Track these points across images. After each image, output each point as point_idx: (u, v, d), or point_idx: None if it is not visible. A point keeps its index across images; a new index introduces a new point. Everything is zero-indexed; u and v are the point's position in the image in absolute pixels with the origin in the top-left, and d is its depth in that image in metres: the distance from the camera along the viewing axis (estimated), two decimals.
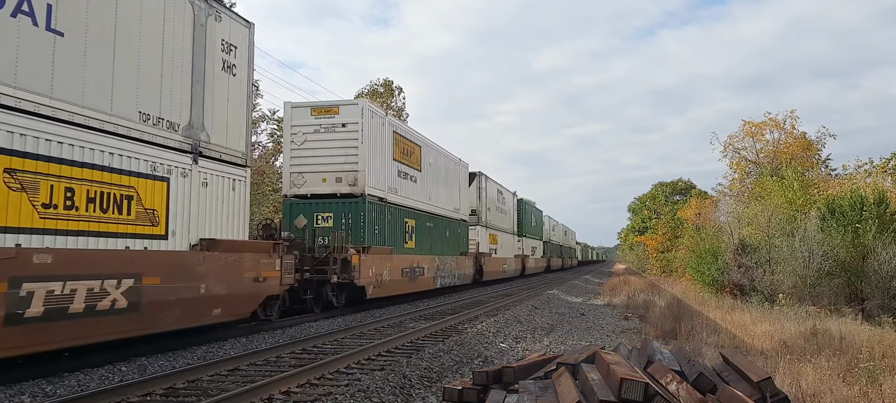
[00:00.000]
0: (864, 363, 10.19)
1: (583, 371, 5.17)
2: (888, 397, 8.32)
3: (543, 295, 26.11)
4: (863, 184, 29.90)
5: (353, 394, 7.43)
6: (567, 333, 15.31)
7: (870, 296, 21.75)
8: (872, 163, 34.32)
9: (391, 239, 19.33)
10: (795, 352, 11.76)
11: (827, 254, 22.16)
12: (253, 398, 7.13)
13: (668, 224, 54.51)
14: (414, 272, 21.01)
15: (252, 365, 9.30)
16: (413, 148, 22.07)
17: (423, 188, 22.64)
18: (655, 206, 70.74)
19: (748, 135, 41.09)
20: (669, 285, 37.29)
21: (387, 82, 49.41)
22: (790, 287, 22.32)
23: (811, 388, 8.38)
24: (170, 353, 10.26)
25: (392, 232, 19.52)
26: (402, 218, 20.49)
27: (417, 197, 21.97)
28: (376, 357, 10.23)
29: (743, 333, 14.66)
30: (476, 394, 5.93)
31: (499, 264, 35.45)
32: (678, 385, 4.83)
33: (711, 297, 25.11)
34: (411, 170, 21.64)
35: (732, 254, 26.65)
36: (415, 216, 21.67)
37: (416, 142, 22.63)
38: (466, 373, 9.04)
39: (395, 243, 19.58)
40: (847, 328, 15.15)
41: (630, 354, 6.26)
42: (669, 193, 70.71)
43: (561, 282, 39.43)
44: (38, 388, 7.59)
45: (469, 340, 12.40)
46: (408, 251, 20.77)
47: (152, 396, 7.35)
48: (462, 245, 28.04)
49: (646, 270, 66.01)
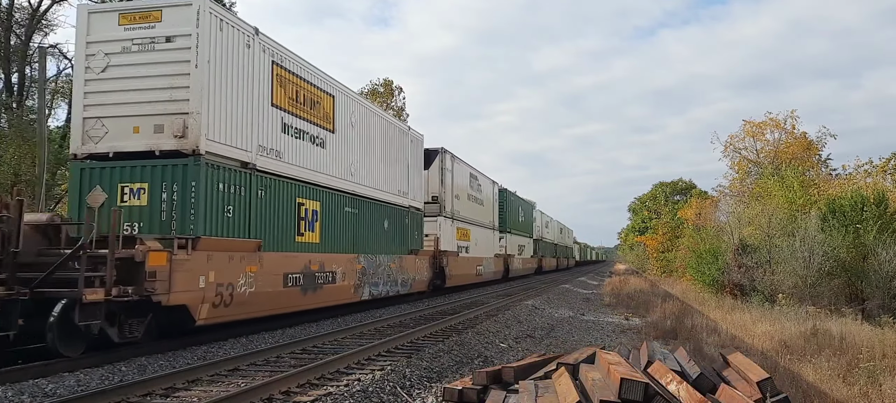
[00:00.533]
0: (864, 363, 10.19)
1: (583, 371, 5.17)
2: (888, 397, 8.32)
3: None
4: (863, 184, 29.91)
5: (353, 394, 7.43)
6: (567, 333, 15.31)
7: (870, 296, 21.75)
8: (872, 163, 34.34)
9: (266, 229, 12.93)
10: (795, 352, 11.77)
11: (827, 254, 22.16)
12: (253, 398, 7.13)
13: (669, 224, 54.49)
14: (314, 279, 14.70)
15: (252, 365, 9.30)
16: (317, 96, 15.34)
17: (337, 157, 16.30)
18: (656, 206, 70.80)
19: (748, 135, 41.12)
20: (670, 285, 37.29)
21: (387, 82, 49.45)
22: (790, 287, 22.30)
23: (811, 388, 8.38)
24: (170, 353, 10.26)
25: (269, 219, 13.10)
26: (294, 199, 14.14)
27: (326, 168, 15.68)
28: (376, 357, 10.23)
29: (743, 333, 14.66)
30: (476, 394, 5.93)
31: (469, 266, 29.12)
32: (678, 385, 4.83)
33: (711, 297, 25.11)
34: (315, 127, 15.16)
35: (733, 254, 26.63)
36: (320, 196, 15.33)
37: (323, 89, 15.68)
38: (466, 373, 9.04)
39: (275, 234, 13.26)
40: (847, 328, 15.16)
41: (630, 354, 6.27)
42: (670, 193, 70.78)
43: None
44: (37, 388, 7.59)
45: (469, 340, 12.40)
46: (303, 246, 14.42)
47: (152, 396, 7.35)
48: (412, 240, 21.61)
49: (646, 270, 65.98)
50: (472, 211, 30.72)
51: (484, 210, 33.25)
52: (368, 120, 18.65)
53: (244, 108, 12.52)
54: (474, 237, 30.50)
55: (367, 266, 17.70)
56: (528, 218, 47.91)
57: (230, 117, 12.06)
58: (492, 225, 35.05)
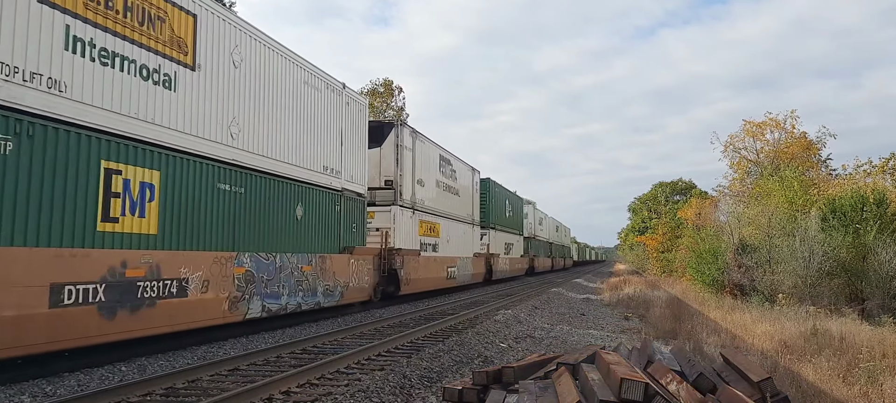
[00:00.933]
0: (864, 363, 10.20)
1: (583, 371, 5.17)
2: (888, 397, 8.33)
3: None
4: (863, 184, 29.92)
5: (353, 394, 7.43)
6: (567, 333, 15.30)
7: (870, 296, 21.75)
8: (871, 163, 34.38)
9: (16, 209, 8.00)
10: (795, 352, 11.78)
11: (827, 254, 22.17)
12: (253, 398, 7.13)
13: (669, 224, 54.52)
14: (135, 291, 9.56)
15: (252, 365, 9.30)
16: (160, 8, 10.52)
17: (200, 106, 11.41)
18: (656, 206, 70.86)
19: (748, 135, 41.12)
20: (669, 285, 37.30)
21: (387, 82, 49.50)
22: (790, 287, 22.30)
23: (811, 388, 8.39)
24: (170, 353, 10.27)
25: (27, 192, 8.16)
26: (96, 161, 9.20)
27: (175, 120, 10.77)
28: (376, 357, 10.24)
29: (743, 333, 14.66)
30: (476, 394, 5.93)
31: (436, 267, 24.05)
32: (678, 385, 4.83)
33: (711, 297, 25.11)
34: (151, 56, 10.28)
35: (732, 254, 26.63)
36: (161, 162, 10.41)
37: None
38: (466, 373, 9.04)
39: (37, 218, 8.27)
40: (847, 328, 15.15)
41: (630, 354, 6.26)
42: (669, 193, 70.81)
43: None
44: (38, 388, 7.59)
45: (469, 340, 12.39)
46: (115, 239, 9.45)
47: (152, 396, 7.35)
48: (346, 235, 16.83)
49: (646, 270, 66.00)
50: (444, 202, 25.73)
51: (460, 201, 28.50)
52: (269, 62, 13.61)
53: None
54: (446, 233, 25.72)
55: (255, 270, 12.62)
56: (517, 214, 43.74)
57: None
58: (471, 220, 30.29)
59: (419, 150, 22.64)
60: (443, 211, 25.52)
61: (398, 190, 20.57)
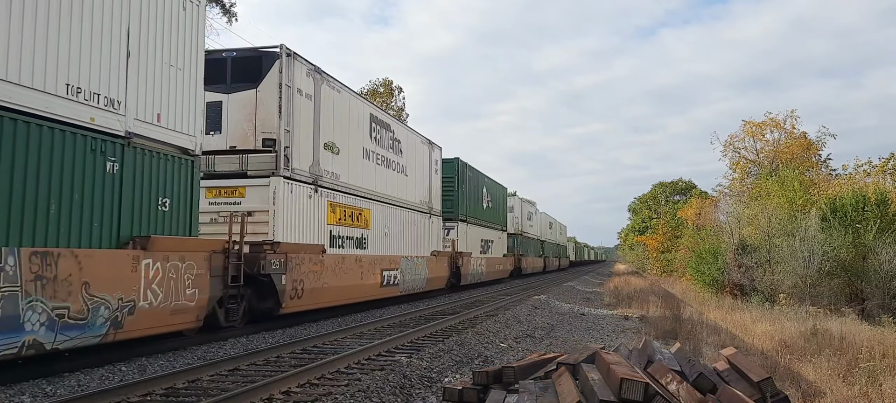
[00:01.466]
0: (864, 363, 10.21)
1: (583, 371, 5.17)
2: (888, 397, 8.33)
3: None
4: (863, 184, 29.95)
5: (353, 394, 7.43)
6: (567, 333, 15.31)
7: (870, 296, 21.78)
8: (871, 163, 34.42)
9: None
10: (795, 352, 11.79)
11: (827, 254, 22.19)
12: (253, 398, 7.13)
13: (669, 224, 54.57)
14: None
15: (252, 365, 9.30)
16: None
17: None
18: (656, 206, 70.93)
19: (748, 135, 41.20)
20: (670, 285, 37.31)
21: (387, 82, 49.56)
22: (790, 287, 22.33)
23: (811, 388, 8.39)
24: (170, 353, 10.26)
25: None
26: None
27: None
28: (376, 356, 10.24)
29: (743, 333, 14.67)
30: (476, 394, 5.93)
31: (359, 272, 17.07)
32: (678, 385, 4.83)
33: (711, 297, 25.15)
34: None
35: (732, 254, 26.66)
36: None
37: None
38: (466, 373, 9.05)
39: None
40: (847, 328, 15.18)
41: (630, 354, 6.26)
42: (670, 193, 70.91)
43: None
44: (38, 388, 7.59)
45: (469, 340, 12.40)
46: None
47: (152, 396, 7.35)
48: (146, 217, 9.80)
49: (646, 270, 66.02)
50: (379, 181, 19.26)
51: (408, 183, 21.89)
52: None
53: None
54: (382, 223, 19.32)
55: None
56: (499, 206, 36.86)
57: None
58: (427, 209, 23.88)
59: (329, 101, 15.93)
60: (376, 192, 18.94)
61: (284, 154, 13.78)
